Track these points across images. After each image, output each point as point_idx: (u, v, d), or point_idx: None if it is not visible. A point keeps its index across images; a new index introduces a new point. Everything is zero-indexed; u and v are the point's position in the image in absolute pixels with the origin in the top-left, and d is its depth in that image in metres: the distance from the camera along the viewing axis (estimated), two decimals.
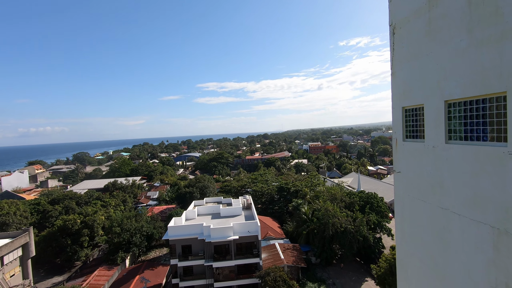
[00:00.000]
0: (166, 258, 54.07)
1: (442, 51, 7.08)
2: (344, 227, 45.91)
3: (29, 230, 47.32)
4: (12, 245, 43.49)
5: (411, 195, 8.83)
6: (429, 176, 7.86)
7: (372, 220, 48.81)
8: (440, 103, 7.27)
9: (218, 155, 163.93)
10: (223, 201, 55.63)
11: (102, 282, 44.67)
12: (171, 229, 39.44)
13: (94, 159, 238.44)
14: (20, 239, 45.09)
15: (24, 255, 45.97)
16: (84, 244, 52.66)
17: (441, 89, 7.20)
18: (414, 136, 8.74)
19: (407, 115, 8.97)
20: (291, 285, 34.84)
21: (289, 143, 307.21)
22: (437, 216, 7.62)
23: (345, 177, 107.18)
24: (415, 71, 8.16)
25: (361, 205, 53.12)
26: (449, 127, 7.22)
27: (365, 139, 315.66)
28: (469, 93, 6.45)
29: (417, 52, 8.02)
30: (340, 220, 46.49)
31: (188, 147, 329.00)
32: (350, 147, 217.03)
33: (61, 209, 65.80)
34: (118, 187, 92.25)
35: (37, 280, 48.48)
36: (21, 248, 45.44)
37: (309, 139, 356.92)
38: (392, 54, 9.30)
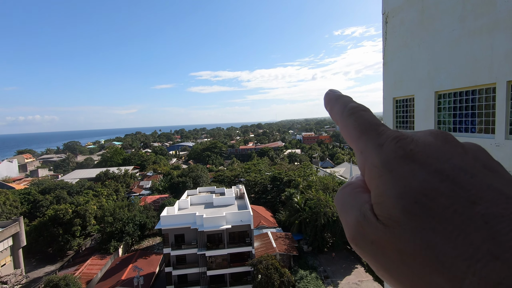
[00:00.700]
0: (159, 247, 54.39)
1: (434, 41, 6.98)
2: (336, 216, 46.63)
3: (19, 220, 46.88)
4: (2, 235, 43.09)
5: None
6: None
7: None
8: (431, 94, 7.23)
9: (212, 144, 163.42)
10: (216, 190, 55.79)
11: (95, 271, 44.83)
12: (164, 218, 39.51)
13: (85, 148, 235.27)
14: (10, 229, 44.66)
15: (14, 245, 45.67)
16: (76, 233, 52.51)
17: (431, 80, 7.14)
18: (404, 127, 8.73)
19: (397, 106, 8.93)
20: (282, 273, 35.51)
21: (283, 133, 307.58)
22: None
23: (337, 167, 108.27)
24: (407, 61, 8.07)
25: None
26: (438, 118, 7.21)
27: None
28: (459, 84, 6.41)
29: (409, 41, 7.91)
30: (332, 210, 47.19)
31: (181, 137, 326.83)
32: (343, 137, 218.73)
33: (52, 198, 65.18)
34: (110, 177, 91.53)
35: (29, 270, 48.38)
36: (12, 237, 45.08)
37: (302, 129, 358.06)
38: (384, 43, 9.17)
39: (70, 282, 36.56)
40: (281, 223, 56.26)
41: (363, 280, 42.02)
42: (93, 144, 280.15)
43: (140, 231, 54.67)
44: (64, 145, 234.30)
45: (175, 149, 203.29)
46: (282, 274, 35.44)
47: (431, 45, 7.08)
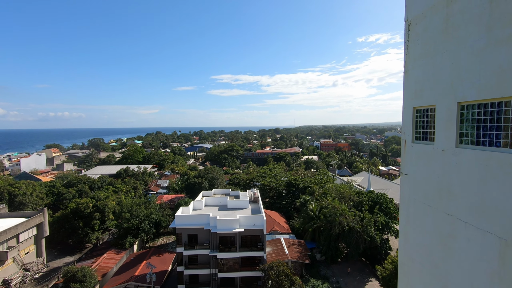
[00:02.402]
0: (172, 245, 55.19)
1: (458, 50, 6.71)
2: (351, 226, 45.47)
3: (43, 210, 49.21)
4: (28, 224, 45.38)
5: (417, 198, 8.55)
6: (437, 180, 7.56)
7: (380, 221, 48.13)
8: (453, 104, 6.93)
9: (229, 147, 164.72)
10: (231, 193, 56.02)
11: (110, 265, 46.11)
12: (178, 218, 40.08)
13: (108, 145, 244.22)
14: (35, 218, 46.98)
15: (38, 235, 47.95)
16: (95, 227, 54.36)
17: (454, 90, 6.85)
18: (424, 138, 8.41)
19: (417, 115, 8.62)
20: (294, 280, 34.92)
21: (301, 138, 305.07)
22: (443, 222, 7.34)
23: (355, 176, 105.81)
24: (429, 70, 7.79)
25: (370, 205, 52.40)
26: (461, 130, 6.89)
27: (378, 138, 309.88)
28: (484, 96, 6.11)
29: (432, 50, 7.64)
30: (347, 219, 46.05)
31: (199, 138, 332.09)
32: (363, 145, 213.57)
33: (74, 192, 68.00)
34: (130, 174, 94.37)
35: (50, 259, 50.52)
36: (36, 227, 47.38)
37: (321, 135, 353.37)
38: (406, 51, 8.93)
39: (87, 274, 37.79)
40: (294, 229, 55.54)
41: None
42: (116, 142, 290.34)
43: (155, 229, 55.77)
44: (89, 141, 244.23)
45: (193, 150, 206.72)
46: (293, 281, 34.86)
47: (455, 54, 6.81)
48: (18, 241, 43.87)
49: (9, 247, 42.16)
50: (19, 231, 43.74)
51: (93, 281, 38.55)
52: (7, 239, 41.61)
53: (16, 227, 43.10)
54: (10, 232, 41.99)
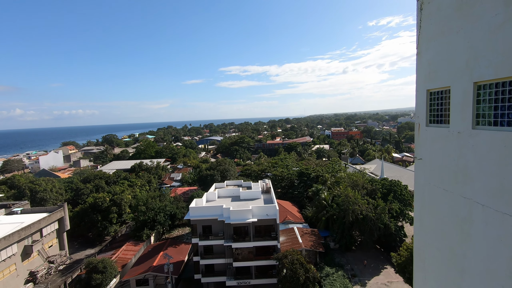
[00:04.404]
0: (188, 237, 56.46)
1: (473, 28, 6.43)
2: (364, 214, 45.23)
3: (64, 205, 51.04)
4: (50, 219, 47.26)
5: (432, 183, 8.40)
6: (453, 163, 7.39)
7: (394, 208, 47.66)
8: (469, 85, 6.69)
9: (239, 139, 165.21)
10: (243, 184, 56.47)
11: (129, 256, 47.71)
12: (193, 209, 40.83)
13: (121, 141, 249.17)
14: (56, 213, 48.84)
15: (60, 229, 49.89)
16: (113, 220, 56.09)
17: (470, 70, 6.61)
18: (438, 121, 8.19)
19: (431, 98, 8.38)
20: (308, 269, 35.25)
21: (311, 128, 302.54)
22: (459, 206, 7.21)
23: (368, 164, 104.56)
24: (443, 50, 7.52)
25: (384, 192, 51.87)
26: (477, 111, 6.67)
27: (391, 125, 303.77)
28: (502, 74, 5.86)
29: (446, 29, 7.35)
30: (361, 207, 45.80)
31: (210, 131, 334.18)
32: (375, 133, 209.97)
33: (92, 187, 70.09)
34: (143, 168, 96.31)
35: (72, 252, 52.67)
36: (57, 222, 49.27)
37: (332, 124, 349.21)
38: (418, 32, 8.63)
39: (108, 265, 39.26)
40: (307, 218, 55.75)
41: (393, 282, 40.51)
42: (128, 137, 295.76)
43: (171, 221, 57.09)
44: (103, 138, 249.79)
45: (204, 143, 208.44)
46: (308, 270, 35.19)
47: (470, 32, 6.54)
48: (42, 235, 45.80)
49: (33, 241, 44.12)
50: (42, 226, 45.62)
51: (113, 272, 40.03)
52: (31, 233, 43.52)
53: (39, 222, 44.95)
54: (34, 227, 43.86)
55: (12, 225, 42.71)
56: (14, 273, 40.37)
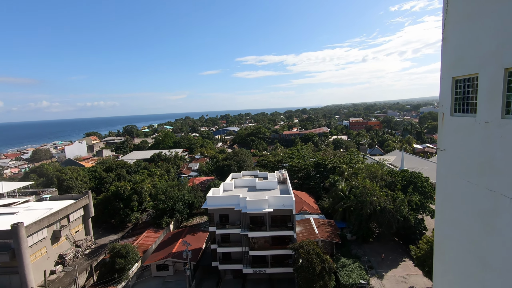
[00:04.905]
0: (205, 225, 57.80)
1: (503, 10, 6.00)
2: (382, 206, 44.43)
3: (88, 193, 53.51)
4: (76, 206, 49.78)
5: (455, 174, 8.09)
6: (478, 154, 7.07)
7: (414, 201, 46.46)
8: (499, 71, 6.31)
9: (256, 129, 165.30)
10: (259, 174, 56.78)
11: (150, 242, 49.63)
12: (210, 199, 41.64)
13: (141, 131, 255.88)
14: (81, 200, 51.33)
15: (85, 215, 52.49)
16: (134, 208, 58.27)
17: (500, 56, 6.21)
18: (464, 111, 7.82)
19: (457, 86, 7.99)
20: (324, 259, 35.32)
21: (329, 118, 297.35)
22: (484, 199, 6.92)
23: (387, 155, 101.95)
24: (470, 35, 7.10)
25: (404, 184, 50.55)
26: (508, 100, 6.30)
27: (412, 115, 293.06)
28: None
29: (474, 12, 6.91)
30: (379, 199, 44.99)
31: (226, 122, 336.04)
32: (395, 123, 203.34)
33: (114, 176, 72.85)
34: (162, 158, 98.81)
35: (96, 237, 55.40)
36: (83, 208, 51.82)
37: (350, 114, 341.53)
38: (445, 16, 8.17)
39: (130, 250, 41.07)
40: (324, 210, 55.51)
41: (411, 275, 39.89)
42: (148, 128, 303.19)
43: (189, 210, 58.60)
44: (123, 128, 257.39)
45: (221, 133, 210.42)
46: (324, 260, 35.26)
47: (500, 15, 6.11)
48: (69, 221, 48.42)
49: (62, 226, 46.76)
50: (69, 212, 48.17)
51: (135, 257, 41.85)
52: (59, 218, 46.10)
53: (66, 208, 47.48)
54: (62, 213, 46.40)
55: (42, 211, 45.38)
56: (45, 256, 43.12)
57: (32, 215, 43.61)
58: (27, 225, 39.42)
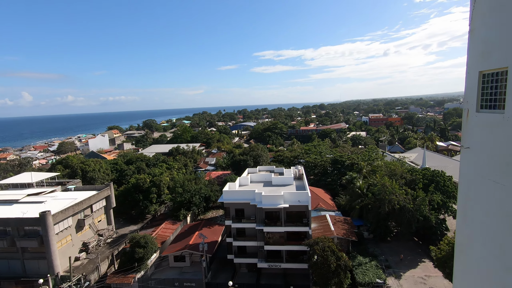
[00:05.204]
0: (221, 219, 58.65)
1: None
2: (402, 204, 43.23)
3: (110, 185, 55.57)
4: (98, 196, 51.88)
5: (480, 174, 7.71)
6: (506, 153, 6.70)
7: (435, 200, 44.86)
8: None
9: (272, 125, 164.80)
10: (275, 170, 56.72)
11: (168, 234, 51.03)
12: (226, 193, 42.13)
13: (160, 126, 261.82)
14: (104, 191, 53.42)
15: (107, 205, 54.62)
16: (152, 200, 59.97)
17: None
18: (491, 106, 7.40)
19: (484, 81, 7.56)
20: (339, 256, 34.95)
21: (347, 114, 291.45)
22: (510, 200, 6.57)
23: (408, 152, 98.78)
24: (500, 27, 6.67)
25: (425, 183, 48.86)
26: None
27: (436, 111, 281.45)
28: None
29: (504, 2, 6.48)
30: (398, 197, 43.80)
31: (243, 117, 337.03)
32: (417, 119, 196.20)
33: (134, 169, 75.17)
34: (180, 152, 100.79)
35: (117, 227, 57.59)
36: (105, 199, 53.93)
37: (369, 110, 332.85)
38: (472, 6, 7.72)
39: (149, 240, 42.42)
40: (340, 207, 54.78)
41: (431, 276, 38.75)
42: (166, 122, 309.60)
43: (205, 203, 59.63)
44: (143, 122, 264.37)
45: (238, 128, 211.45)
46: (339, 257, 34.90)
47: None
48: (92, 211, 50.59)
49: (85, 216, 48.96)
50: (92, 202, 50.31)
51: (154, 247, 43.20)
52: (83, 208, 48.27)
53: (90, 198, 49.60)
54: (86, 203, 48.55)
55: (67, 201, 47.66)
56: (70, 243, 45.39)
57: (58, 204, 45.91)
58: (54, 213, 41.58)
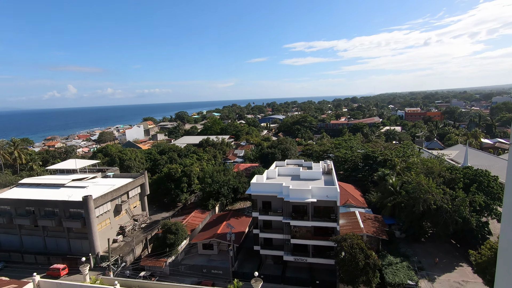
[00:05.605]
0: (249, 210, 59.49)
1: None
2: (438, 204, 40.76)
3: (144, 173, 58.58)
4: (134, 184, 54.98)
5: None
6: None
7: (477, 201, 41.67)
8: None
9: (302, 118, 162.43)
10: (303, 164, 56.07)
11: (197, 222, 52.90)
12: (254, 185, 42.52)
13: (191, 117, 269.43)
14: (139, 179, 56.47)
15: (141, 193, 57.75)
16: (183, 189, 62.33)
17: None
18: None
19: None
20: (368, 255, 33.96)
21: (381, 108, 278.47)
22: None
23: (448, 149, 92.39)
24: None
25: (466, 183, 45.50)
26: None
27: (482, 105, 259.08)
28: None
29: None
30: (435, 197, 41.33)
31: (272, 109, 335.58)
32: (460, 114, 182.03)
33: (166, 159, 78.41)
34: (210, 144, 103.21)
35: (151, 213, 60.78)
36: (140, 187, 57.03)
37: (406, 104, 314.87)
38: None
39: (179, 228, 44.30)
40: (371, 204, 52.98)
41: (469, 282, 36.35)
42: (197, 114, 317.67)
43: (233, 194, 60.77)
44: (176, 114, 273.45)
45: (266, 121, 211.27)
46: (368, 255, 33.91)
47: None
48: (128, 197, 53.81)
49: (122, 201, 52.24)
50: (129, 189, 53.47)
51: (184, 234, 45.05)
52: (120, 194, 51.51)
53: (126, 185, 52.75)
54: (123, 189, 51.74)
55: (106, 186, 51.10)
56: (109, 226, 48.81)
57: (99, 190, 49.41)
58: (95, 198, 44.87)
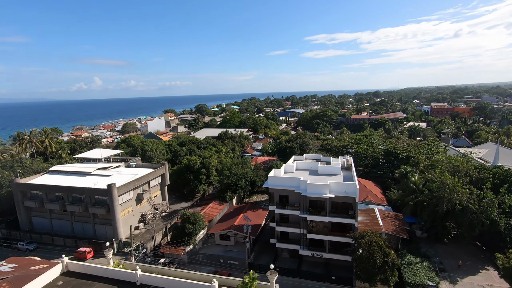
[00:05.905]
0: (265, 203, 59.75)
1: None
2: (464, 205, 39.00)
3: (165, 164, 60.17)
4: (155, 174, 56.65)
5: None
6: None
7: (507, 203, 39.45)
8: None
9: (321, 112, 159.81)
10: (322, 159, 55.34)
11: (215, 213, 53.87)
12: (271, 179, 42.53)
13: (210, 110, 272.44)
14: (160, 169, 58.11)
15: (162, 183, 59.45)
16: (202, 180, 63.51)
17: None
18: None
19: None
20: (387, 253, 33.20)
21: (405, 102, 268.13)
22: None
23: (476, 147, 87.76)
24: None
25: (495, 183, 43.15)
26: None
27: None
28: None
29: None
30: (460, 197, 39.57)
31: (291, 103, 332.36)
32: (491, 110, 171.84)
33: (186, 150, 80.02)
34: (228, 137, 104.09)
35: (170, 203, 62.57)
36: (160, 177, 58.70)
37: (432, 98, 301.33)
38: None
39: (198, 218, 45.30)
40: (391, 201, 51.60)
41: (494, 286, 34.76)
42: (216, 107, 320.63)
43: (251, 187, 61.19)
44: (196, 107, 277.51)
45: (285, 115, 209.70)
46: (387, 254, 33.16)
47: None
48: (149, 186, 55.60)
49: (144, 190, 54.07)
50: (150, 179, 55.22)
51: (202, 225, 46.06)
52: (142, 183, 53.31)
53: (148, 175, 54.49)
54: (144, 179, 53.51)
55: (129, 176, 53.02)
56: (131, 213, 50.79)
57: (122, 178, 51.38)
58: (118, 186, 46.71)
